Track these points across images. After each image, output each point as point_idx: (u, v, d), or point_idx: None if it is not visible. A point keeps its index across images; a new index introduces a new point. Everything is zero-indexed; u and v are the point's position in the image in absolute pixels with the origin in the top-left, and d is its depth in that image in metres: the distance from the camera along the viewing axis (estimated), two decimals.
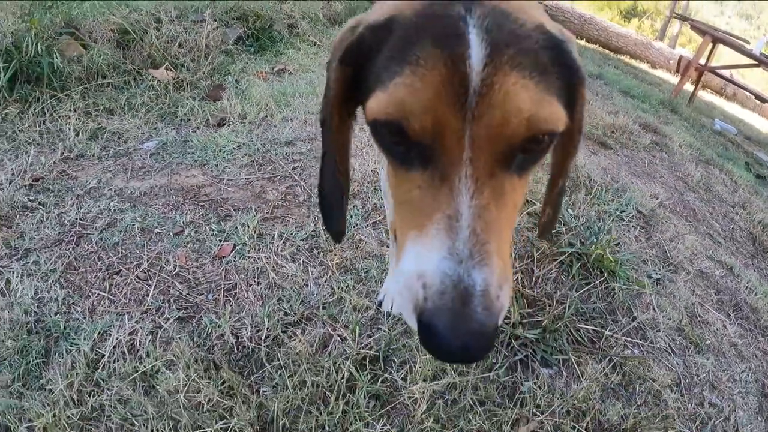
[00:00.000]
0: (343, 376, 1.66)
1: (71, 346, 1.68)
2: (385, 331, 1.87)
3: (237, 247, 2.17)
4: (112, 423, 1.51)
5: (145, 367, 1.62)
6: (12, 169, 2.44)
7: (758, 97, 8.41)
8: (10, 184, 2.35)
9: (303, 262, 2.15)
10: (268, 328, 1.81)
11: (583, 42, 11.27)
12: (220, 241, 2.20)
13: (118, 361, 1.65)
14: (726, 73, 8.85)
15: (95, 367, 1.63)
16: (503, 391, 1.78)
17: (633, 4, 25.46)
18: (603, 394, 1.89)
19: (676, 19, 18.17)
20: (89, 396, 1.56)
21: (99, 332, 1.73)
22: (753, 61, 6.96)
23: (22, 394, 1.54)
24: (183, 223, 2.25)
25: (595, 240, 2.58)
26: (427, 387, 1.70)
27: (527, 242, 2.54)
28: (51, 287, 1.88)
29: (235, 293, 1.97)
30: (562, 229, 2.67)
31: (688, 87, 7.80)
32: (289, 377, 1.65)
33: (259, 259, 2.13)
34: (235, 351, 1.73)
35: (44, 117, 2.89)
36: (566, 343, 2.01)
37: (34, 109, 2.91)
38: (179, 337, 1.73)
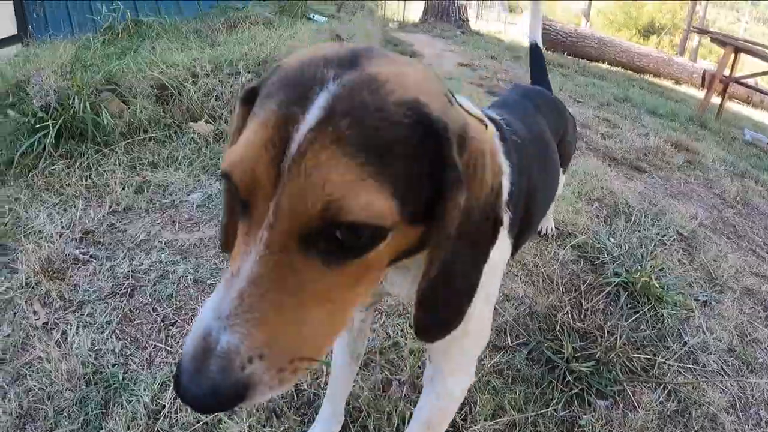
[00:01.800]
0: (404, 418, 1.66)
1: (131, 397, 1.68)
2: None
3: None
4: None
5: (206, 417, 1.62)
6: (61, 222, 2.50)
7: None
8: (60, 237, 2.40)
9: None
10: (326, 375, 1.81)
11: (605, 65, 11.29)
12: None
13: (179, 411, 1.65)
14: (751, 81, 8.78)
15: (156, 418, 1.63)
16: (562, 426, 1.77)
17: (650, 21, 25.48)
18: (660, 422, 1.87)
19: (694, 33, 18.13)
20: None
21: (159, 383, 1.74)
22: None
23: None
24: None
25: (639, 267, 2.58)
26: (487, 426, 1.70)
27: (573, 275, 2.55)
28: (107, 339, 1.90)
29: None
30: (606, 259, 2.68)
31: (715, 99, 7.75)
32: (351, 422, 1.65)
33: None
34: (296, 398, 1.75)
35: (90, 171, 2.96)
36: (620, 374, 2.00)
37: (80, 164, 3.00)
38: None
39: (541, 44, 2.47)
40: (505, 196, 0.98)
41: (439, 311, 0.80)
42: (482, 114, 1.02)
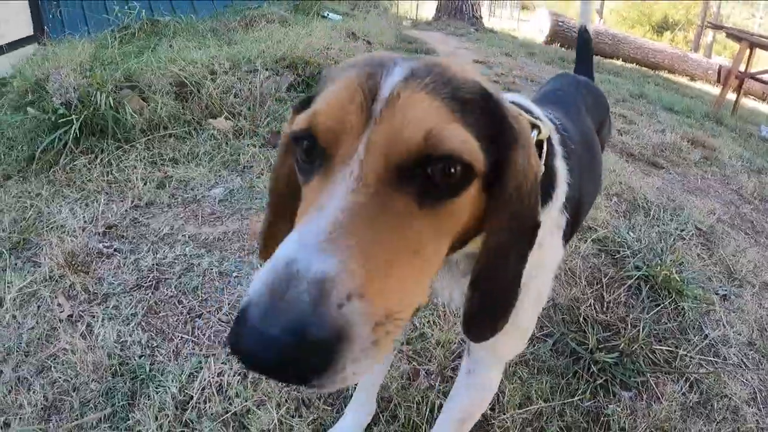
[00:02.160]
0: (432, 408, 1.68)
1: (158, 388, 1.70)
2: None
3: None
4: None
5: (235, 407, 1.64)
6: (84, 217, 2.53)
7: None
8: (83, 231, 2.43)
9: None
10: None
11: (619, 62, 11.25)
12: None
13: (207, 401, 1.66)
14: (766, 77, 8.71)
15: (184, 408, 1.64)
16: (587, 416, 1.78)
17: (664, 17, 25.31)
18: (683, 413, 1.88)
19: (709, 28, 18.02)
20: None
21: (186, 374, 1.75)
22: None
23: None
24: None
25: (659, 261, 2.59)
26: (516, 415, 1.71)
27: (594, 268, 2.56)
28: (133, 331, 1.92)
29: None
30: (626, 253, 2.68)
31: (730, 96, 7.69)
32: (380, 412, 1.66)
33: None
34: None
35: (111, 167, 3.00)
36: (643, 365, 2.01)
37: (101, 160, 3.03)
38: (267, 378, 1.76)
39: (590, 29, 2.35)
40: (562, 199, 1.04)
41: (490, 299, 0.78)
42: (541, 113, 1.07)
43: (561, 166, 1.07)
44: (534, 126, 0.94)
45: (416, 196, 0.63)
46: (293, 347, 0.46)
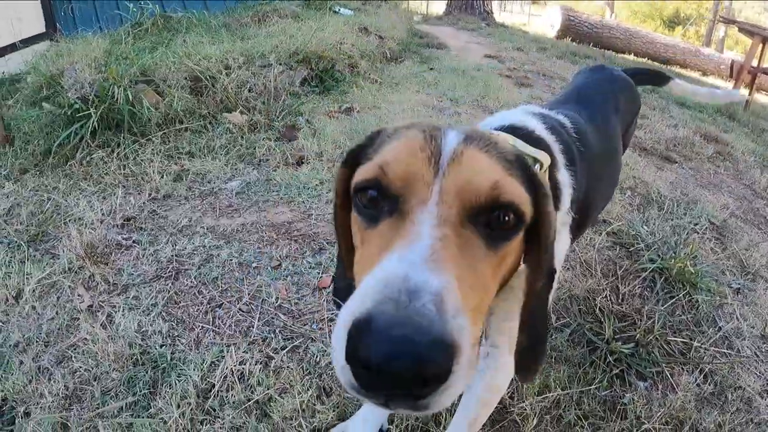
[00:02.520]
0: None
1: (180, 377, 1.71)
2: None
3: None
4: None
5: (257, 395, 1.66)
6: (102, 209, 2.56)
7: None
8: (101, 223, 2.46)
9: None
10: None
11: (631, 57, 11.17)
12: (318, 273, 2.24)
13: (229, 390, 1.68)
14: None
15: (206, 397, 1.66)
16: (604, 404, 1.80)
17: (675, 11, 25.09)
18: (698, 403, 1.89)
19: (721, 23, 17.86)
20: (201, 425, 1.58)
21: (208, 363, 1.77)
22: None
23: (132, 424, 1.56)
24: (279, 257, 2.32)
25: (673, 254, 2.60)
26: (535, 402, 1.73)
27: (609, 261, 2.58)
28: (154, 321, 1.94)
29: None
30: (641, 246, 2.69)
31: (743, 91, 7.63)
32: None
33: None
34: None
35: (127, 161, 3.03)
36: (658, 356, 2.03)
37: (118, 154, 3.06)
38: (289, 366, 1.78)
39: (671, 86, 2.35)
40: (568, 202, 1.14)
41: (534, 340, 0.89)
42: (543, 129, 1.20)
43: (564, 175, 1.15)
44: (536, 160, 1.04)
45: (486, 237, 0.72)
46: (427, 348, 0.51)
